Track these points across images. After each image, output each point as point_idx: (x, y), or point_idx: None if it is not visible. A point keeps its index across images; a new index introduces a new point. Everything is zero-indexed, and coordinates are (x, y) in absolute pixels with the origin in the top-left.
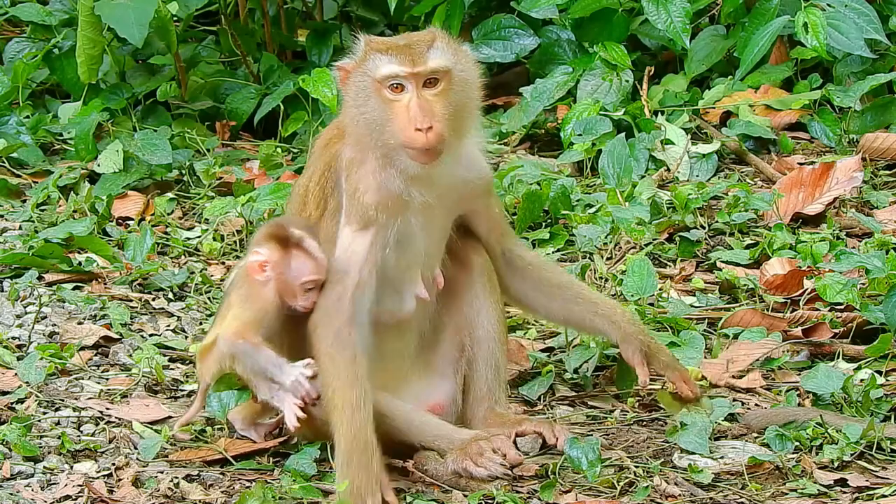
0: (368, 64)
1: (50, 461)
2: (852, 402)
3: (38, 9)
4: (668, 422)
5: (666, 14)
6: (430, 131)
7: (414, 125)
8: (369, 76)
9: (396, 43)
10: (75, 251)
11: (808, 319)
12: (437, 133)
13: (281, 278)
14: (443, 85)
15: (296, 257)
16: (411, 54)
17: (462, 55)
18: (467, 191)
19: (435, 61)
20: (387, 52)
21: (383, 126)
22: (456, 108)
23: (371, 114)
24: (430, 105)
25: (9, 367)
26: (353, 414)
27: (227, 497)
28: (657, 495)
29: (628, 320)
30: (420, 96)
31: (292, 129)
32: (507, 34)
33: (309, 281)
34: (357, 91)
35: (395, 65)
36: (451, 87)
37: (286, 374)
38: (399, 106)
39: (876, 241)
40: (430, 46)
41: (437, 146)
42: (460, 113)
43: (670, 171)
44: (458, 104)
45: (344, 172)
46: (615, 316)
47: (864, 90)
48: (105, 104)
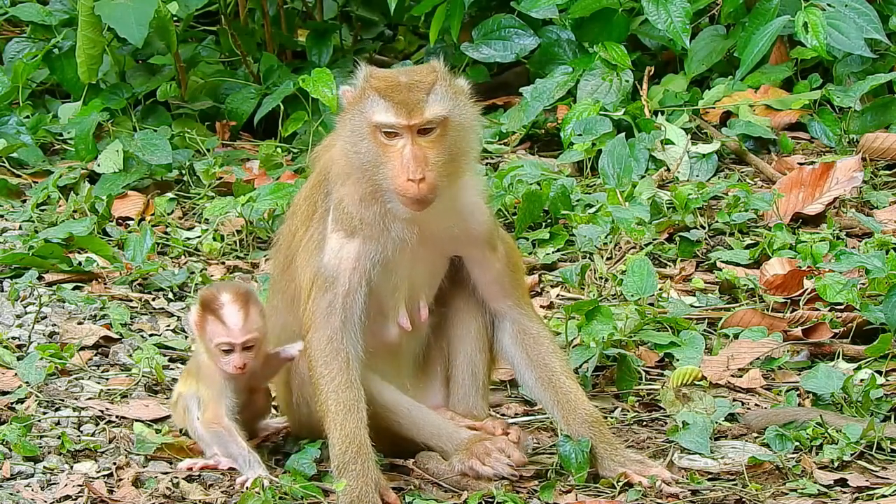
0: (366, 104)
1: (50, 461)
2: (852, 402)
3: (38, 9)
4: (668, 421)
5: (666, 14)
6: (422, 182)
7: (406, 175)
8: (365, 117)
9: (395, 83)
10: (75, 251)
11: (808, 319)
12: (430, 184)
13: (203, 340)
14: (438, 131)
15: (210, 322)
16: (408, 104)
17: (461, 99)
18: (461, 237)
19: (431, 110)
20: (385, 95)
21: (375, 168)
22: (451, 155)
23: (364, 154)
24: (424, 153)
25: (9, 367)
26: (346, 418)
27: (227, 497)
28: (657, 495)
29: (582, 420)
30: (414, 143)
31: (292, 129)
32: (507, 34)
33: (221, 343)
34: (352, 128)
35: (391, 115)
36: (447, 133)
37: (251, 469)
38: (393, 151)
39: (876, 241)
40: (428, 92)
41: (429, 196)
42: (455, 159)
43: (670, 171)
44: (453, 150)
45: (334, 183)
46: (571, 414)
47: (864, 90)
48: (105, 104)
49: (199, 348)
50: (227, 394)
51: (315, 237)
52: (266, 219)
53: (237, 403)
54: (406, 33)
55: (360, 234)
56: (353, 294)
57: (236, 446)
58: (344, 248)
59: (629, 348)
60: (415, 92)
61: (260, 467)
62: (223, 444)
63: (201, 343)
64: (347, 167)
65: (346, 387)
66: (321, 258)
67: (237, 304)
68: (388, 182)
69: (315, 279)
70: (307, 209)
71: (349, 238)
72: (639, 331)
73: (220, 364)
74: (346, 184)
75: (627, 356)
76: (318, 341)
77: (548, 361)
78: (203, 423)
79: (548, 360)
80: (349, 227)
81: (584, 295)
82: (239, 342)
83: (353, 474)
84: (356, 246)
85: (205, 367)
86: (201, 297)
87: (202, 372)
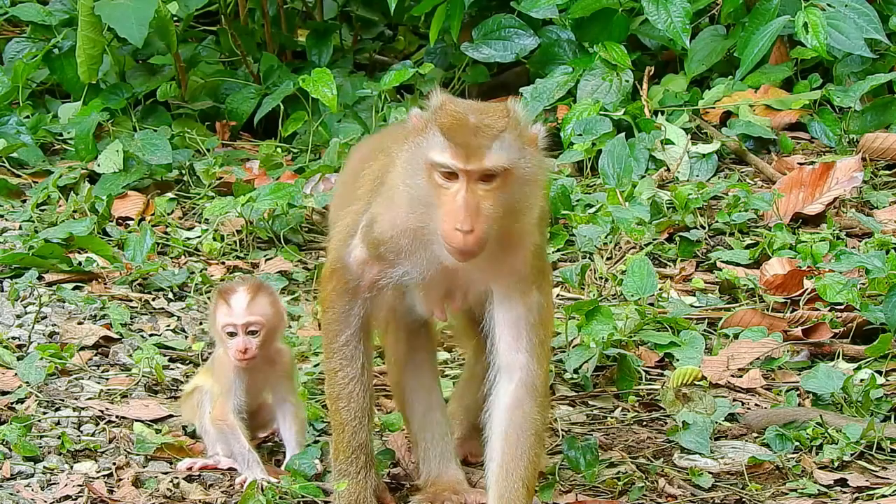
0: (426, 139)
1: (50, 461)
2: (852, 402)
3: (38, 9)
4: (668, 421)
5: (666, 14)
6: (469, 234)
7: (454, 223)
8: (422, 152)
9: (462, 122)
10: (75, 251)
11: (808, 319)
12: (477, 238)
13: (215, 332)
14: (499, 182)
15: (219, 307)
16: (469, 148)
17: (530, 151)
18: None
19: (493, 159)
20: (447, 134)
21: (425, 207)
22: (509, 208)
23: (416, 190)
24: (478, 203)
25: (9, 367)
26: (358, 429)
27: (227, 497)
28: (657, 495)
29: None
30: (469, 190)
31: (292, 129)
32: (507, 34)
33: (225, 325)
34: (410, 159)
35: (447, 156)
36: (507, 184)
37: (249, 469)
38: (446, 195)
39: (876, 241)
40: (494, 138)
41: (475, 249)
42: (513, 213)
43: (670, 171)
44: (512, 203)
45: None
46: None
47: (864, 90)
48: (105, 104)
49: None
50: (236, 392)
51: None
52: (266, 219)
53: (246, 403)
54: (406, 33)
55: (385, 260)
56: (373, 300)
57: (238, 445)
58: (368, 265)
59: (629, 348)
60: (480, 136)
61: (258, 467)
62: (226, 441)
63: (215, 334)
64: (397, 195)
65: (357, 396)
66: (348, 255)
67: (246, 291)
68: (437, 225)
69: (335, 272)
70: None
71: (375, 260)
72: (639, 331)
73: (228, 352)
74: (389, 207)
75: (627, 356)
76: (333, 342)
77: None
78: (210, 419)
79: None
80: (374, 251)
81: (584, 295)
82: (240, 323)
83: (354, 480)
84: (379, 267)
85: (218, 363)
86: (218, 288)
87: (215, 368)
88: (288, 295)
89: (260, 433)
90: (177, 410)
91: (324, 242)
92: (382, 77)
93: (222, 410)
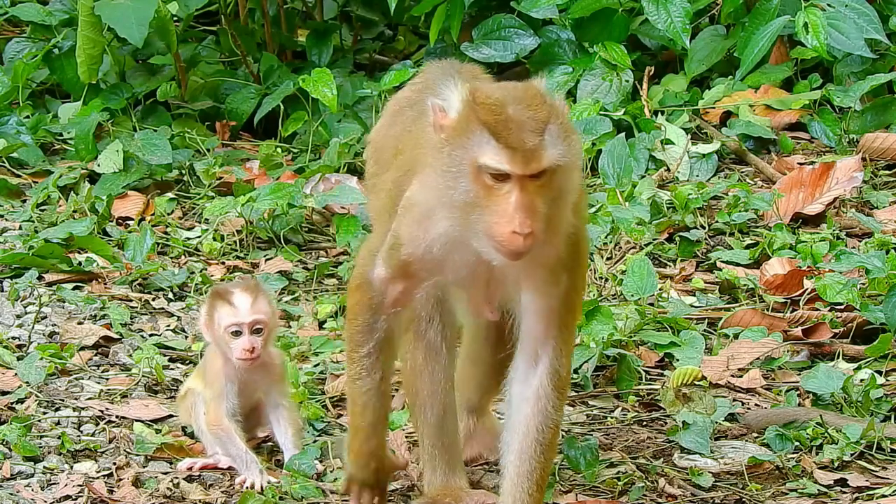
0: (471, 140)
1: (50, 461)
2: (852, 402)
3: (38, 9)
4: (668, 421)
5: (666, 14)
6: (528, 236)
7: (512, 227)
8: (469, 154)
9: (506, 118)
10: (75, 251)
11: (808, 319)
12: (535, 237)
13: (214, 334)
14: (549, 175)
15: (218, 308)
16: (523, 150)
17: (573, 138)
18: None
19: (549, 157)
20: (496, 134)
21: (472, 210)
22: (555, 198)
23: (461, 194)
24: (532, 201)
25: (9, 367)
26: (367, 435)
27: (227, 497)
28: (657, 495)
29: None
30: (523, 190)
31: (292, 129)
32: (507, 34)
33: (230, 326)
34: (450, 162)
35: (503, 161)
36: (556, 176)
37: (248, 470)
38: (498, 197)
39: (876, 241)
40: (543, 132)
41: (531, 249)
42: (558, 202)
43: (670, 171)
44: (558, 193)
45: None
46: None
47: (864, 90)
48: (105, 104)
49: (209, 348)
50: (228, 396)
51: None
52: (266, 219)
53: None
54: (406, 33)
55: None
56: (398, 313)
57: (235, 448)
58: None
59: (629, 348)
60: (529, 133)
61: (257, 468)
62: (223, 445)
63: (211, 337)
64: (433, 200)
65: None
66: (372, 272)
67: (245, 290)
68: (485, 228)
69: (359, 287)
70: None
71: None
72: (639, 331)
73: (230, 354)
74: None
75: (627, 356)
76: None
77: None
78: (205, 425)
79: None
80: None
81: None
82: (247, 321)
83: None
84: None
85: (209, 369)
86: (211, 291)
87: (207, 373)
88: (288, 295)
89: (259, 432)
90: (176, 410)
91: (323, 243)
92: (382, 77)
93: (216, 416)
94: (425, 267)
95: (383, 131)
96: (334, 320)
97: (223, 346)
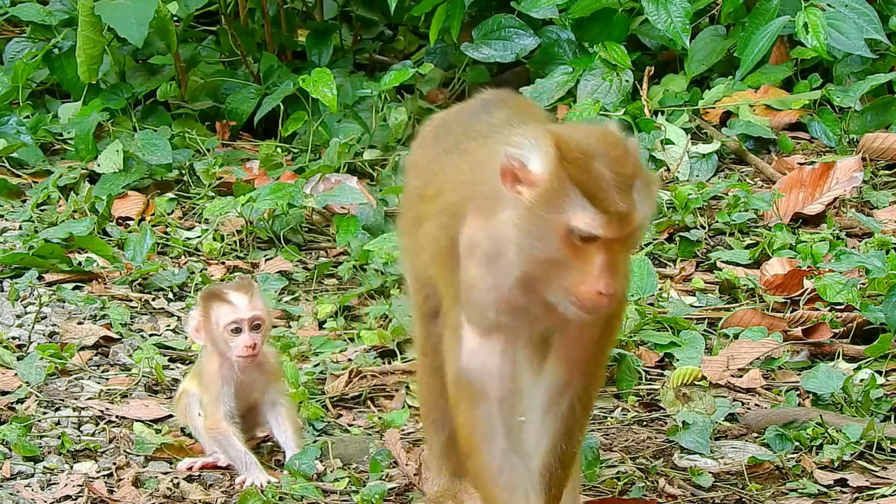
0: (563, 202)
1: (50, 461)
2: (852, 402)
3: (38, 9)
4: (668, 421)
5: (666, 14)
6: (612, 297)
7: (598, 288)
8: (561, 217)
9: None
10: (75, 251)
11: (808, 319)
12: (617, 298)
13: (211, 335)
14: (633, 233)
15: (215, 308)
16: (619, 214)
17: (654, 188)
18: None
19: (640, 217)
20: (590, 197)
21: (555, 269)
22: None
23: (545, 253)
24: (616, 261)
25: (9, 367)
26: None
27: (227, 497)
28: (657, 495)
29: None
30: (609, 251)
31: (292, 129)
32: (507, 34)
33: (229, 324)
34: (536, 221)
35: (598, 226)
36: (638, 232)
37: (248, 471)
38: (583, 255)
39: (876, 241)
40: (632, 189)
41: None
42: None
43: (670, 171)
44: (633, 244)
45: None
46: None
47: (864, 90)
48: (105, 104)
49: (203, 351)
50: (225, 398)
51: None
52: (266, 219)
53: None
54: (406, 33)
55: (501, 329)
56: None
57: (234, 450)
58: (483, 349)
59: (629, 348)
60: (622, 194)
61: (256, 468)
62: (222, 448)
63: (207, 339)
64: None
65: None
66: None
67: (240, 288)
68: (569, 286)
69: (458, 383)
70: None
71: (488, 336)
72: (639, 331)
73: (231, 355)
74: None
75: (627, 356)
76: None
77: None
78: (203, 429)
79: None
80: (486, 324)
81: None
82: (247, 317)
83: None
84: (498, 345)
85: (206, 371)
86: (202, 293)
87: (203, 376)
88: (288, 295)
89: (258, 432)
90: (174, 411)
91: (323, 243)
92: (382, 77)
93: (214, 419)
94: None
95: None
96: (334, 320)
97: (221, 346)
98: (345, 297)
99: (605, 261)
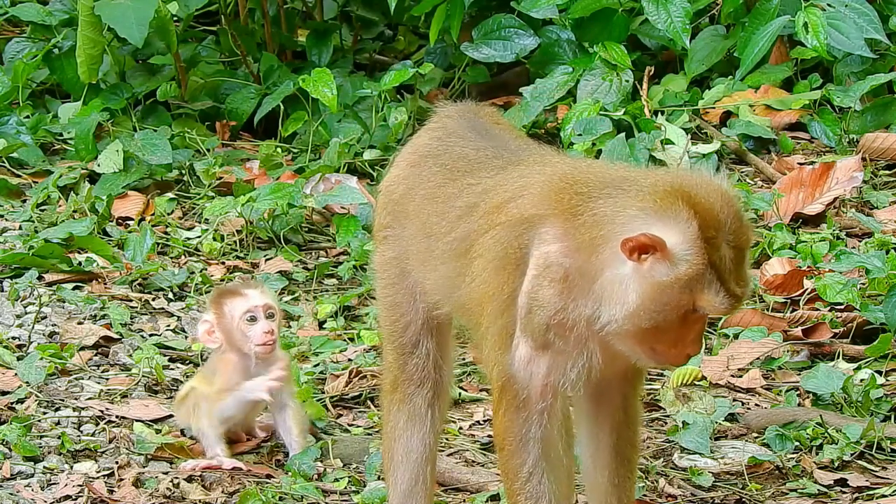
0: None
1: (50, 461)
2: (852, 402)
3: (38, 9)
4: (668, 421)
5: (666, 14)
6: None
7: (689, 352)
8: (691, 296)
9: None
10: (75, 251)
11: (808, 319)
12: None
13: (226, 330)
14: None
15: (228, 304)
16: (741, 294)
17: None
18: None
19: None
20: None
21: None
22: None
23: (655, 319)
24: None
25: (9, 367)
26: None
27: (227, 497)
28: (657, 495)
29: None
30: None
31: (292, 128)
32: (507, 34)
33: (245, 312)
34: (663, 295)
35: (724, 305)
36: None
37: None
38: (688, 324)
39: (876, 241)
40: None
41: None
42: None
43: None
44: None
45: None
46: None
47: (864, 90)
48: (105, 104)
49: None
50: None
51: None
52: (266, 219)
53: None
54: (406, 33)
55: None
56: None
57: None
58: (534, 362)
59: None
60: (742, 272)
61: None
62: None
63: (222, 336)
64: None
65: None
66: (511, 361)
67: (249, 284)
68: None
69: (504, 388)
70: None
71: (541, 351)
72: None
73: (249, 347)
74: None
75: None
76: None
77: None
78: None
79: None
80: (541, 339)
81: None
82: (261, 304)
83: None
84: (548, 360)
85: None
86: (213, 295)
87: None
88: (288, 295)
89: (259, 432)
90: (175, 411)
91: (323, 243)
92: (382, 77)
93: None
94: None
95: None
96: (334, 320)
97: (239, 340)
98: (345, 297)
99: (701, 328)
